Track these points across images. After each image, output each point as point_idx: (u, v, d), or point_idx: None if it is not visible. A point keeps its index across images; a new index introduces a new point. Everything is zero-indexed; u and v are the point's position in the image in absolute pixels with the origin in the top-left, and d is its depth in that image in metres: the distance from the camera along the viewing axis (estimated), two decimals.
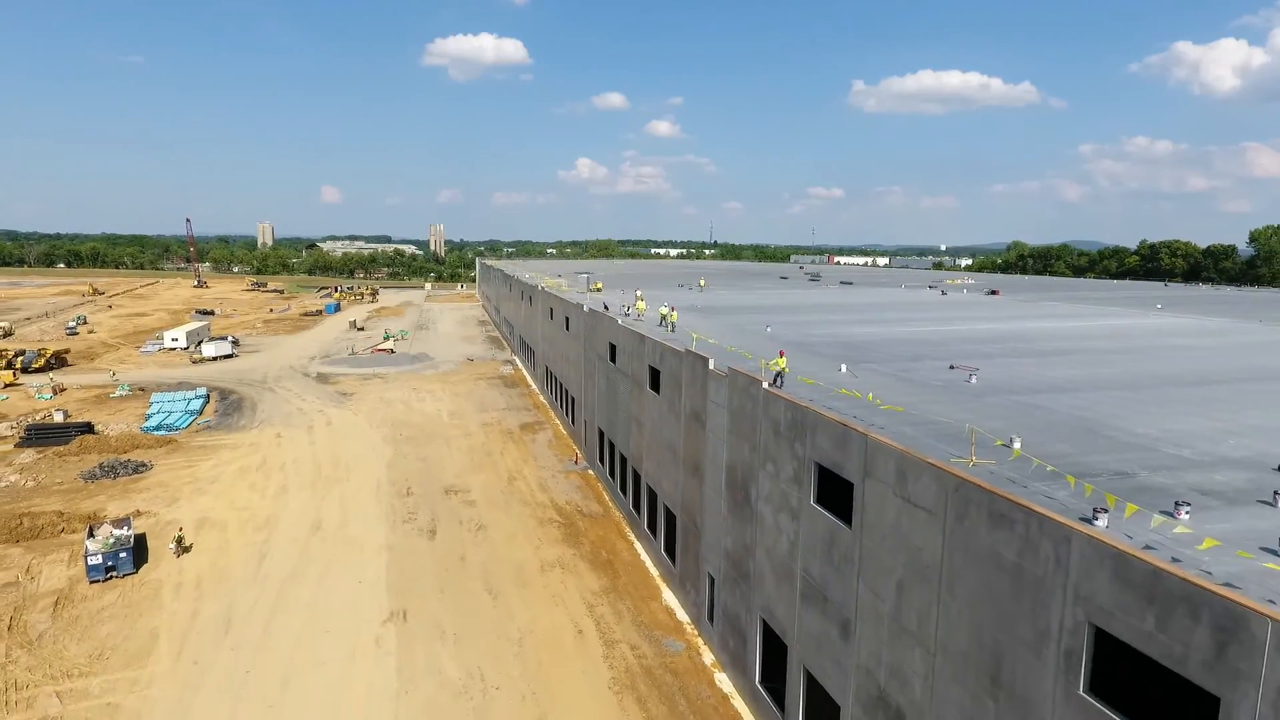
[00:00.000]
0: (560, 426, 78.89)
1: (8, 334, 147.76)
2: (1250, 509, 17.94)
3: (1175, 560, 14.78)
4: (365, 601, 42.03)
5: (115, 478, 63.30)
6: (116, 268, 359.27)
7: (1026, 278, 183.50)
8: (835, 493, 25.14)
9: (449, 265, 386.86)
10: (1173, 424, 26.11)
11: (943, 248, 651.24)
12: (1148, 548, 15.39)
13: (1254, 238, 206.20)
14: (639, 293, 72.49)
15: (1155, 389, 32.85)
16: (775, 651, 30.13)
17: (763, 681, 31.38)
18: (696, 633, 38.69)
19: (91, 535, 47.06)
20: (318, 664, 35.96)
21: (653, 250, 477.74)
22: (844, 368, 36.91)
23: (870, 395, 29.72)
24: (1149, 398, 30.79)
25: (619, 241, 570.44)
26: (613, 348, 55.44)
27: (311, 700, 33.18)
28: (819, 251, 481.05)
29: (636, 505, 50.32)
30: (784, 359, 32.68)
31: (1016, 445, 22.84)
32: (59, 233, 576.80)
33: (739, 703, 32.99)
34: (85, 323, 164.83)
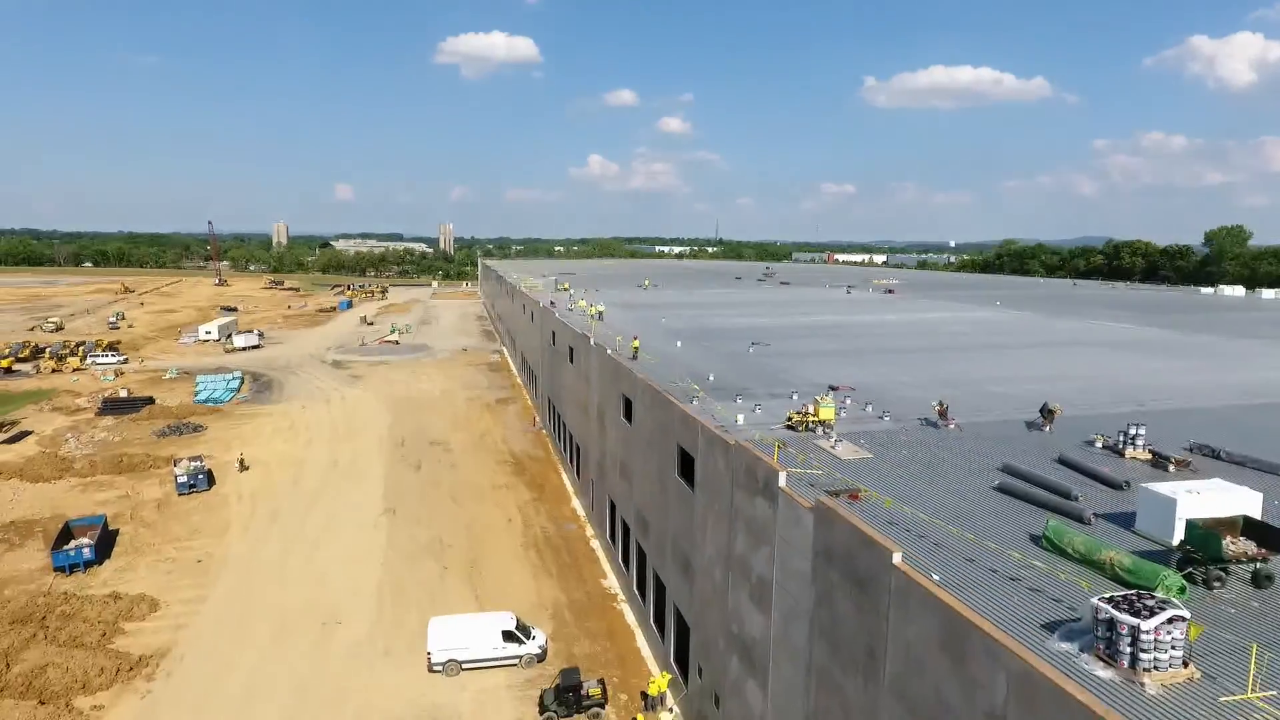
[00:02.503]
0: (528, 400, 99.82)
1: (59, 328, 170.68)
2: (777, 399, 38.26)
3: (707, 416, 35.25)
4: (368, 505, 63.07)
5: (180, 435, 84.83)
6: (141, 267, 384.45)
7: (966, 275, 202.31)
8: (628, 408, 45.72)
9: (457, 263, 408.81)
10: (822, 370, 46.45)
11: (952, 244, 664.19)
12: (706, 414, 35.88)
13: (1209, 238, 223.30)
14: (571, 290, 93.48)
15: (853, 354, 53.24)
16: (613, 514, 50.77)
17: (609, 536, 52.07)
18: (586, 520, 59.41)
19: (176, 465, 68.53)
20: (336, 535, 57.00)
21: (657, 249, 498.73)
22: (679, 344, 57.47)
23: (647, 355, 50.35)
24: (839, 359, 51.17)
25: (627, 239, 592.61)
26: (553, 334, 76.20)
27: (332, 552, 54.16)
28: (821, 249, 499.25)
29: (564, 446, 71.17)
30: (637, 341, 53.26)
31: (711, 378, 43.35)
32: (78, 231, 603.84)
33: (601, 554, 53.67)
34: (123, 318, 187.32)
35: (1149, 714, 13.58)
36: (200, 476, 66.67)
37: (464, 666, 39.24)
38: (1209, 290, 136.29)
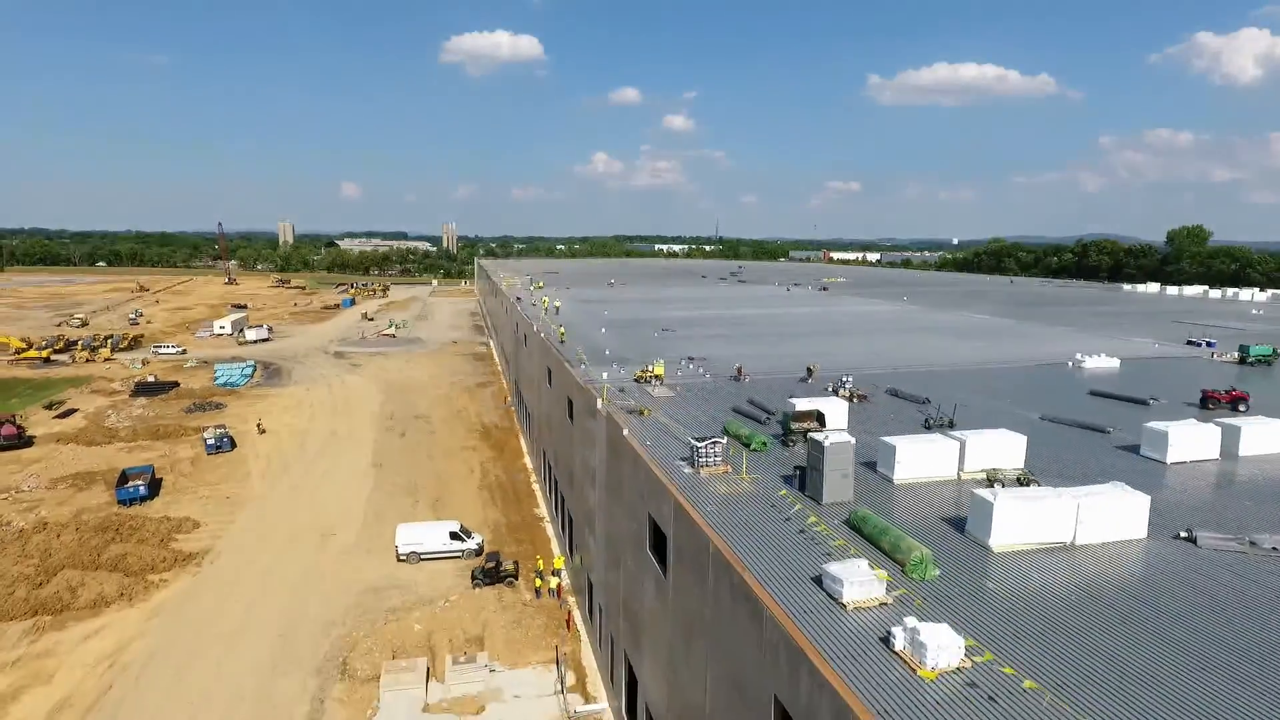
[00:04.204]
0: (504, 383, 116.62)
1: (84, 324, 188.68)
2: (641, 365, 54.70)
3: (585, 375, 51.85)
4: (360, 460, 79.97)
5: (204, 411, 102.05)
6: (153, 266, 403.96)
7: (922, 273, 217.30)
8: (549, 375, 62.32)
9: (459, 262, 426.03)
10: (697, 348, 62.79)
11: (955, 241, 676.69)
12: (588, 379, 52.49)
13: (1171, 238, 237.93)
14: (544, 287, 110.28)
15: (736, 337, 69.59)
16: (545, 458, 67.40)
17: (543, 476, 68.74)
18: (533, 471, 76.12)
19: (205, 432, 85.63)
20: (333, 481, 73.90)
21: (656, 247, 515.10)
22: (603, 330, 74.05)
23: (573, 339, 66.93)
24: (720, 341, 67.53)
25: (630, 238, 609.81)
26: (516, 324, 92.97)
27: (330, 492, 71.03)
28: (819, 247, 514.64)
29: (523, 416, 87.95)
30: (563, 329, 69.87)
31: (608, 353, 59.90)
32: (87, 230, 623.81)
33: (539, 494, 70.34)
34: (142, 315, 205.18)
35: (695, 484, 29.93)
36: (225, 440, 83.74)
37: (422, 557, 55.97)
38: (1129, 287, 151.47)
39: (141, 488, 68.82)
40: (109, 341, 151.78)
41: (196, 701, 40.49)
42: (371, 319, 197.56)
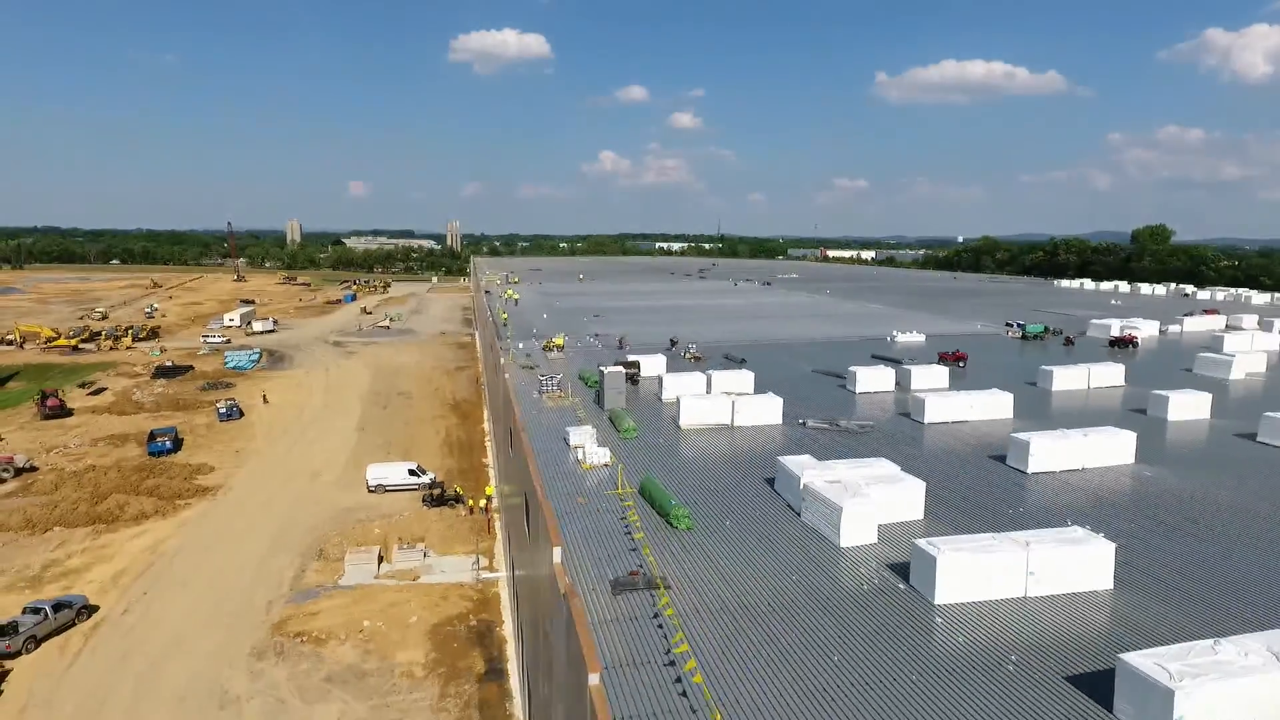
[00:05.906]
0: (479, 367, 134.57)
1: (105, 316, 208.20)
2: (534, 339, 72.17)
3: (505, 344, 69.43)
4: (347, 426, 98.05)
5: (217, 389, 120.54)
6: (164, 264, 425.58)
7: (876, 269, 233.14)
8: (491, 348, 79.92)
9: (461, 260, 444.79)
10: (610, 327, 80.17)
11: (960, 239, 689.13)
12: (504, 346, 70.10)
13: (1135, 236, 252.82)
14: (518, 281, 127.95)
15: (651, 320, 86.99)
16: (492, 415, 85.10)
17: (492, 432, 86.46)
18: (488, 433, 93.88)
19: (218, 403, 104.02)
20: (324, 440, 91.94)
21: (657, 245, 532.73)
22: (545, 315, 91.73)
23: (514, 322, 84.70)
24: (636, 323, 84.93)
25: (636, 236, 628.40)
26: (486, 314, 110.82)
27: (320, 447, 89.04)
28: (819, 244, 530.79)
29: (485, 389, 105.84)
30: (506, 314, 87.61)
31: (535, 331, 77.50)
32: (98, 228, 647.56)
33: (489, 449, 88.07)
34: (157, 309, 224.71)
35: (539, 408, 47.29)
36: (235, 409, 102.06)
37: (387, 489, 73.79)
38: (1058, 283, 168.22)
39: (168, 443, 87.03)
40: (130, 332, 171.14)
41: (215, 571, 58.43)
42: (370, 312, 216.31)
